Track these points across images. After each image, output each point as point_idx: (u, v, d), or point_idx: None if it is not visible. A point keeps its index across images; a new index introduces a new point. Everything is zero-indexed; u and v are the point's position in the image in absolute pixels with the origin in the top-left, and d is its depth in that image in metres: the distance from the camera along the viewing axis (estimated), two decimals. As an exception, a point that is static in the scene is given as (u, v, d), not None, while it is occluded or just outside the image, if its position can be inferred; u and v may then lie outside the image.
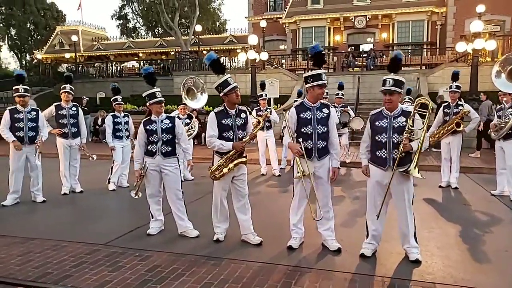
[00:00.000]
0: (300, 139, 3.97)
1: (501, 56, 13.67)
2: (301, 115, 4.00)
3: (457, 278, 3.41)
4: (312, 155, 3.99)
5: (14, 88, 6.07)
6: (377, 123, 3.82)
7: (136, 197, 4.73)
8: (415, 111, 3.68)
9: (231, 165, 4.16)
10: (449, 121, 6.78)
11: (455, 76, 6.81)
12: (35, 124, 6.16)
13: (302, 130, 4.00)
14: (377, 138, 3.80)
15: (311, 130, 3.98)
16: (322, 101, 4.12)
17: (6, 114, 6.05)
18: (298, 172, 3.91)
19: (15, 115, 6.06)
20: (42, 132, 6.19)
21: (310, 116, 4.00)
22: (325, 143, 4.05)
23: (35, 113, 6.24)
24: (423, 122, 3.70)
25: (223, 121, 4.20)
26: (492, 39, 13.95)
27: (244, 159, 4.27)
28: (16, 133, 6.00)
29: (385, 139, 3.74)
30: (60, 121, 6.70)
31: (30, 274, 3.55)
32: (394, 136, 3.71)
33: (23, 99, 6.07)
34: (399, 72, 3.90)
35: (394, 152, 3.71)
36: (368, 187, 3.98)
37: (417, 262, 3.69)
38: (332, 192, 4.44)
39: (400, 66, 3.86)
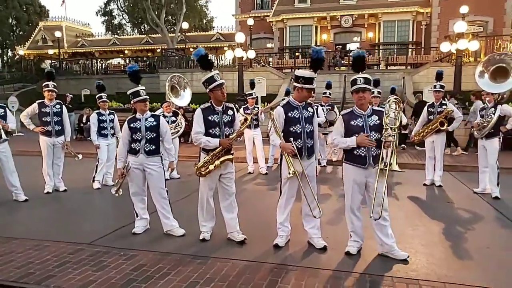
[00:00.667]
0: (291, 138, 3.96)
1: (484, 56, 13.95)
2: (289, 114, 4.00)
3: (440, 275, 3.46)
4: (303, 154, 4.00)
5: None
6: (352, 122, 3.85)
7: (117, 194, 4.67)
8: (391, 109, 3.82)
9: (217, 162, 4.14)
10: (433, 120, 6.87)
11: (439, 76, 6.92)
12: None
13: (291, 129, 3.99)
14: (352, 137, 3.82)
15: (300, 129, 3.99)
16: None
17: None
18: (289, 172, 3.88)
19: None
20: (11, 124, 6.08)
21: (298, 115, 4.01)
22: (312, 142, 4.09)
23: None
24: (395, 119, 3.84)
25: (210, 118, 4.18)
26: (475, 39, 14.21)
27: (230, 156, 4.24)
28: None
29: None
30: (43, 119, 6.55)
31: (11, 275, 3.49)
32: (372, 134, 3.75)
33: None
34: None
35: (372, 149, 3.76)
36: (346, 187, 3.98)
37: (401, 260, 3.73)
38: (318, 190, 4.46)
39: (364, 64, 3.89)
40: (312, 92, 4.06)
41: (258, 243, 4.20)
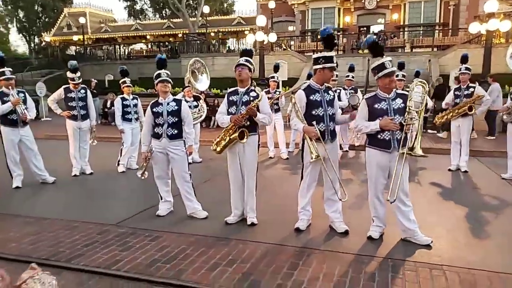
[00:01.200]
0: (314, 122, 3.92)
1: (516, 37, 13.33)
2: (311, 97, 3.96)
3: (465, 260, 3.41)
4: (325, 138, 3.97)
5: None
6: (376, 105, 3.78)
7: (142, 177, 4.80)
8: (413, 92, 3.71)
9: (227, 138, 4.20)
10: (460, 103, 6.67)
11: (464, 59, 6.69)
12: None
13: (313, 112, 3.96)
14: (379, 120, 3.76)
15: (322, 112, 3.96)
16: (325, 84, 4.08)
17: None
18: (312, 156, 3.85)
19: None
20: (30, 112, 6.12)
21: (320, 98, 3.97)
22: (334, 125, 4.07)
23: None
24: (420, 103, 3.74)
25: (230, 98, 4.28)
26: (507, 19, 13.57)
27: (235, 135, 4.13)
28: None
29: None
30: (69, 103, 6.74)
31: (43, 253, 3.64)
32: (396, 117, 3.69)
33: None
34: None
35: (397, 133, 3.69)
36: (369, 172, 3.93)
37: (423, 245, 3.69)
38: (341, 175, 4.43)
39: (381, 49, 3.82)
40: (334, 72, 4.00)
41: (279, 227, 4.24)
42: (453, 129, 7.01)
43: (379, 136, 3.77)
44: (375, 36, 3.80)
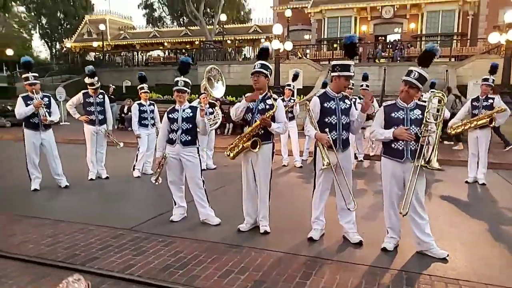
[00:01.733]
0: (326, 129, 3.92)
1: (537, 48, 13.06)
2: (325, 105, 3.96)
3: (481, 275, 3.34)
4: (337, 146, 3.96)
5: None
6: (393, 114, 3.76)
7: (156, 183, 4.86)
8: (431, 104, 3.65)
9: (240, 146, 4.22)
10: (479, 115, 6.55)
11: (493, 69, 6.53)
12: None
13: (326, 120, 3.96)
14: (394, 129, 3.74)
15: (335, 120, 3.95)
16: (342, 92, 4.08)
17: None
18: (324, 163, 3.84)
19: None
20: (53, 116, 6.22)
21: (334, 106, 3.97)
22: (348, 134, 4.05)
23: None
24: (438, 115, 3.68)
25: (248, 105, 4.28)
26: (527, 30, 13.35)
27: (248, 144, 4.12)
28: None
29: None
30: (87, 108, 6.88)
31: (59, 255, 3.70)
32: (412, 128, 3.65)
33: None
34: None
35: (411, 143, 3.65)
36: (383, 181, 3.90)
37: (440, 258, 3.63)
38: (355, 185, 4.40)
39: (431, 60, 3.72)
40: (350, 81, 4.00)
41: (292, 235, 4.23)
42: (470, 140, 6.88)
43: (393, 145, 3.75)
44: (438, 49, 3.76)
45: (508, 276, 3.35)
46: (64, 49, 37.76)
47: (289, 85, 8.42)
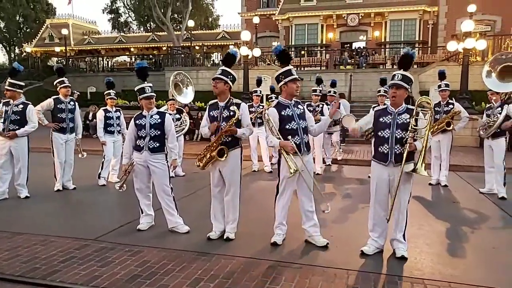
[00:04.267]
0: (289, 136, 3.96)
1: (491, 55, 13.81)
2: (283, 113, 4.02)
3: (445, 274, 3.45)
4: (302, 150, 4.00)
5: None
6: (381, 119, 3.84)
7: (121, 190, 4.77)
8: (418, 110, 3.68)
9: (208, 155, 4.20)
10: (440, 119, 6.83)
11: (441, 75, 6.90)
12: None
13: (287, 126, 4.00)
14: (379, 133, 3.83)
15: (296, 126, 4.02)
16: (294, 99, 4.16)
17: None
18: (291, 171, 3.85)
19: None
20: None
21: (291, 112, 4.05)
22: (308, 138, 4.14)
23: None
24: (425, 120, 3.70)
25: (211, 113, 4.30)
26: (482, 38, 14.08)
27: (215, 153, 4.11)
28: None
29: (388, 135, 3.76)
30: (58, 115, 6.50)
31: (17, 269, 3.51)
32: (397, 132, 3.71)
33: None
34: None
35: (396, 147, 3.71)
36: (371, 185, 3.95)
37: (403, 259, 3.72)
38: (322, 189, 4.45)
39: (410, 63, 3.85)
40: (298, 83, 4.09)
41: (262, 241, 4.20)
42: (433, 144, 7.14)
43: (379, 149, 3.83)
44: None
45: (469, 275, 3.48)
46: (24, 53, 36.29)
47: (256, 91, 8.45)
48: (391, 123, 3.76)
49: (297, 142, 3.98)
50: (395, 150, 3.72)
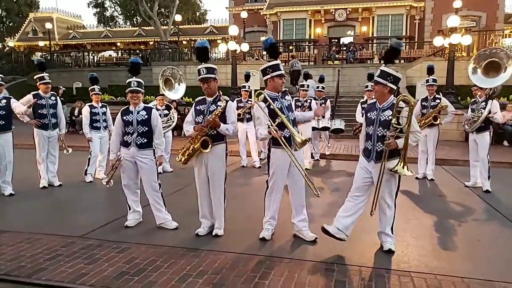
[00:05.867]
0: (279, 130, 3.95)
1: (476, 51, 14.01)
2: (271, 106, 3.99)
3: (431, 267, 3.50)
4: (292, 143, 3.99)
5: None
6: (368, 114, 3.87)
7: (107, 185, 4.70)
8: (398, 108, 3.63)
9: (191, 148, 4.14)
10: (427, 114, 6.91)
11: (430, 70, 6.95)
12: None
13: (278, 119, 3.98)
14: (366, 129, 3.87)
15: (285, 118, 4.00)
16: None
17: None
18: (299, 140, 3.85)
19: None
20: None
21: (280, 105, 4.03)
22: (298, 129, 4.12)
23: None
24: (405, 117, 3.65)
25: (198, 107, 4.23)
26: (468, 34, 14.26)
27: (198, 145, 4.05)
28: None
29: (371, 131, 3.78)
30: (39, 111, 6.36)
31: (2, 268, 3.46)
32: (378, 130, 3.73)
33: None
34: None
35: (377, 145, 3.73)
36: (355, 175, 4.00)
37: (390, 252, 3.77)
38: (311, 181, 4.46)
39: (395, 57, 3.83)
40: (283, 79, 4.08)
41: (251, 236, 4.20)
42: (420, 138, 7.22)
43: (366, 144, 3.87)
44: (402, 44, 3.81)
45: (454, 267, 3.54)
46: (7, 48, 35.53)
47: (244, 86, 8.41)
48: (375, 120, 3.78)
49: (287, 135, 3.97)
50: (377, 148, 3.74)
